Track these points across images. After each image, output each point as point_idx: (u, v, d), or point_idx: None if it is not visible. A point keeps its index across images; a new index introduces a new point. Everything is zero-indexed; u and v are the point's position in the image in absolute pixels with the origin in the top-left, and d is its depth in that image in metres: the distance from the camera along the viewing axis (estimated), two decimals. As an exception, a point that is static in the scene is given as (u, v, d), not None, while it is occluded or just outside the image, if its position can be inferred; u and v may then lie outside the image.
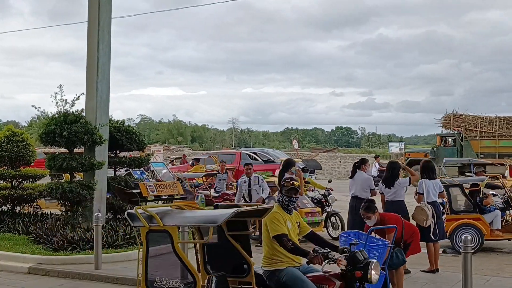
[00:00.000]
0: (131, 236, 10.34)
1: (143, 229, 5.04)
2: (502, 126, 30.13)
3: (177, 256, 4.88)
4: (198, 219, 5.19)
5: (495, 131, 29.64)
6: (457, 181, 11.38)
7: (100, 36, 11.55)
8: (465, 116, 31.05)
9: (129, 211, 5.25)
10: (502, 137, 29.13)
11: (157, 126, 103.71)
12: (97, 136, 10.99)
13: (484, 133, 29.85)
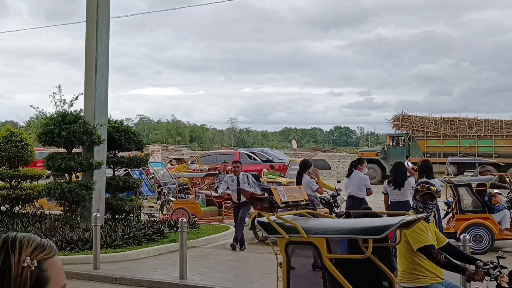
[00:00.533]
0: (129, 236, 10.35)
1: (281, 241, 4.36)
2: (446, 126, 31.67)
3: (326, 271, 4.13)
4: (352, 229, 4.27)
5: (440, 131, 31.15)
6: (466, 181, 11.34)
7: (98, 36, 11.55)
8: (412, 117, 32.49)
9: (261, 220, 4.59)
10: (446, 137, 30.76)
11: (155, 126, 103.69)
12: (95, 136, 10.99)
13: (430, 133, 31.36)
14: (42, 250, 1.47)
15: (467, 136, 30.31)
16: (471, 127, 31.14)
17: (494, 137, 29.70)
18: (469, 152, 29.23)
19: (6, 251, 1.44)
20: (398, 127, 32.72)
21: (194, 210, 13.83)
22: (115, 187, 12.27)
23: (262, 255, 10.26)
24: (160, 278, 8.31)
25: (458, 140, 30.31)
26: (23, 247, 1.45)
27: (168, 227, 11.54)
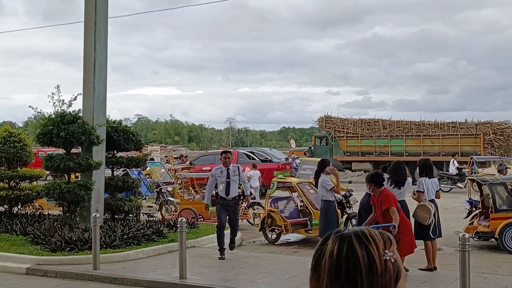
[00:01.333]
0: (129, 236, 10.34)
1: None
2: (363, 127, 34.22)
3: None
4: None
5: (358, 132, 33.74)
6: (501, 180, 11.33)
7: (96, 36, 11.53)
8: (334, 119, 35.06)
9: None
10: (363, 137, 33.18)
11: (154, 126, 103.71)
12: (94, 136, 10.98)
13: (350, 134, 33.92)
14: (390, 242, 1.37)
15: (381, 136, 32.69)
16: (384, 128, 33.63)
17: (405, 137, 32.13)
18: (383, 151, 31.30)
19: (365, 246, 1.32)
20: (323, 128, 35.18)
21: (201, 210, 13.73)
22: (114, 187, 12.26)
23: (261, 255, 10.27)
24: (160, 278, 8.31)
25: (373, 140, 32.58)
26: (376, 240, 1.35)
27: (167, 227, 11.53)
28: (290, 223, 11.73)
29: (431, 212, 8.56)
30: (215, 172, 9.90)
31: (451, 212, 16.66)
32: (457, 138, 31.00)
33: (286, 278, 8.23)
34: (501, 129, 31.33)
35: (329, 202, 9.39)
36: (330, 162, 10.25)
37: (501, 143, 30.63)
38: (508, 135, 31.27)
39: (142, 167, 17.57)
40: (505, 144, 30.79)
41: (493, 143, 30.55)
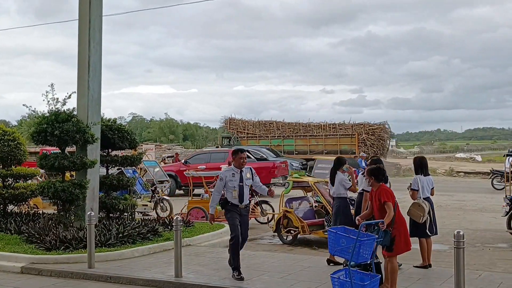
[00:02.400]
0: (124, 235, 10.32)
1: None
2: (261, 128, 38.70)
3: None
4: None
5: (257, 132, 38.38)
6: None
7: (91, 34, 11.50)
8: (237, 120, 39.80)
9: None
10: (261, 137, 37.69)
11: (148, 125, 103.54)
12: (89, 135, 10.95)
13: (250, 134, 38.35)
14: None
15: (275, 137, 37.07)
16: (278, 129, 37.90)
17: (295, 137, 36.45)
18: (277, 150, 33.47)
19: None
20: (227, 129, 39.76)
21: None
22: (108, 185, 12.23)
23: (257, 253, 10.27)
24: (155, 277, 8.30)
25: (269, 140, 36.72)
26: None
27: (163, 226, 11.51)
28: (307, 224, 11.48)
29: (425, 210, 8.58)
30: (225, 175, 8.42)
31: (445, 210, 16.72)
32: (337, 138, 35.42)
33: (281, 276, 8.24)
34: (372, 130, 35.75)
35: (345, 199, 9.26)
36: (346, 160, 9.95)
37: (373, 142, 35.18)
38: (379, 135, 35.70)
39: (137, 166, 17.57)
40: (378, 143, 35.23)
41: (366, 142, 34.88)
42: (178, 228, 8.28)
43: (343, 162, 9.40)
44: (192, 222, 12.49)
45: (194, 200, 14.57)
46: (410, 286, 7.57)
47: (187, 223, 12.14)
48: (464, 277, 6.43)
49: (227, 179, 8.36)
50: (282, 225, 11.73)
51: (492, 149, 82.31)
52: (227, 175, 8.41)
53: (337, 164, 9.37)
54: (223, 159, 23.59)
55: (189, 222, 12.31)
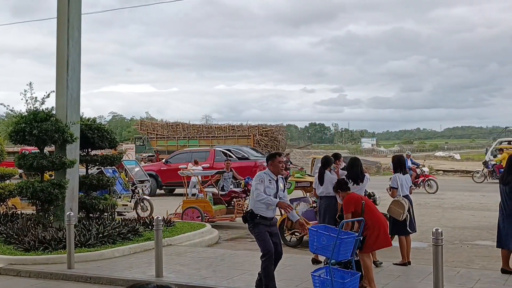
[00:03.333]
0: (104, 235, 10.24)
1: None
2: (169, 129, 41.65)
3: None
4: None
5: (165, 133, 41.28)
6: None
7: (69, 33, 11.38)
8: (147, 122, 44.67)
9: None
10: (169, 138, 40.43)
11: (129, 124, 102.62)
12: (68, 134, 10.84)
13: (159, 135, 41.38)
14: None
15: (181, 137, 39.68)
16: (184, 130, 40.85)
17: (199, 138, 39.29)
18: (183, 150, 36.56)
19: None
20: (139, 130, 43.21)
21: (205, 209, 13.50)
22: (88, 185, 12.12)
23: (238, 252, 10.27)
24: (136, 277, 8.25)
25: (176, 140, 39.40)
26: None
27: (143, 226, 11.45)
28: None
29: (405, 207, 8.67)
30: (263, 177, 6.98)
31: (424, 208, 16.90)
32: (235, 139, 37.87)
33: (262, 274, 8.24)
34: (265, 131, 38.84)
35: (333, 198, 9.17)
36: (333, 160, 9.70)
37: (266, 142, 37.80)
38: (272, 136, 38.46)
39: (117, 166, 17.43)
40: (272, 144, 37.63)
41: (260, 142, 37.38)
42: (159, 228, 8.25)
43: (330, 161, 9.39)
44: (173, 221, 12.44)
45: (189, 199, 14.33)
46: (389, 283, 7.64)
47: (168, 222, 12.09)
48: (443, 274, 6.51)
49: (265, 185, 6.92)
50: (286, 227, 11.16)
51: (471, 147, 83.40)
52: (265, 179, 6.95)
53: (325, 163, 9.33)
54: (205, 159, 23.53)
55: (170, 222, 12.27)
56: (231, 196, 14.54)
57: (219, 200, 14.40)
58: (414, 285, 7.58)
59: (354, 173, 8.85)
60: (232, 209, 14.07)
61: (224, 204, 14.41)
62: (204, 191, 14.32)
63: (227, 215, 14.08)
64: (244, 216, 7.19)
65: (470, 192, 22.32)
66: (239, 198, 14.30)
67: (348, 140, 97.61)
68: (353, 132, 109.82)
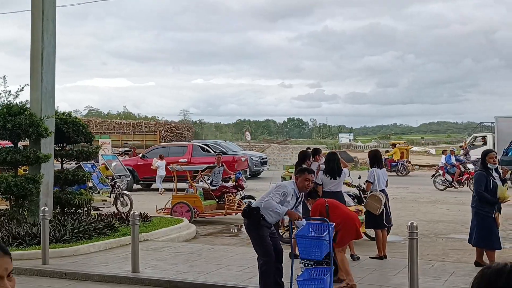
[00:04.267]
0: (79, 230, 10.13)
1: None
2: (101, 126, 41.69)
3: None
4: None
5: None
6: None
7: (44, 25, 11.20)
8: None
9: None
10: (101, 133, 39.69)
11: (105, 118, 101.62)
12: (42, 129, 10.68)
13: None
14: None
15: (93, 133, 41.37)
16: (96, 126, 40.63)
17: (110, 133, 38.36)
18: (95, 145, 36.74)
19: None
20: None
21: (195, 204, 13.30)
22: (63, 180, 11.97)
23: (215, 247, 10.25)
24: (112, 272, 8.18)
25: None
26: None
27: (120, 221, 11.36)
28: None
29: (382, 201, 8.76)
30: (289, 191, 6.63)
31: (400, 202, 17.08)
32: (143, 135, 39.09)
33: (239, 269, 8.25)
34: (170, 127, 40.26)
35: None
36: (310, 154, 9.46)
37: (171, 138, 38.25)
38: (177, 132, 39.94)
39: (95, 160, 17.19)
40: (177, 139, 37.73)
41: (166, 138, 38.08)
42: (135, 223, 8.18)
43: (308, 156, 9.38)
44: (150, 217, 12.35)
45: (179, 195, 14.09)
46: (366, 276, 7.70)
47: (144, 217, 12.00)
48: (418, 267, 6.59)
49: (286, 199, 6.58)
50: (281, 223, 10.51)
51: (446, 142, 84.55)
52: (289, 194, 6.61)
53: (302, 158, 9.31)
54: (182, 153, 23.43)
55: (147, 217, 12.18)
56: (222, 191, 14.32)
57: (209, 195, 14.16)
58: (389, 278, 7.66)
59: (330, 167, 8.91)
60: (222, 204, 13.95)
61: (215, 199, 14.16)
62: (194, 186, 14.12)
63: (218, 210, 13.87)
64: (247, 211, 6.73)
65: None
66: (230, 193, 14.16)
67: (326, 135, 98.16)
68: (331, 127, 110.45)
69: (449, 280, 7.43)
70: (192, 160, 22.28)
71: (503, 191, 7.92)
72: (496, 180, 7.97)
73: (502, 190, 7.90)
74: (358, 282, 7.40)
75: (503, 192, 7.90)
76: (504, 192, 7.92)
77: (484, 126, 39.20)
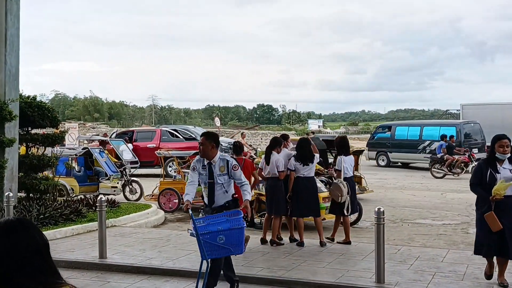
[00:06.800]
0: (45, 216, 9.96)
1: None
2: None
3: None
4: None
5: None
6: None
7: (8, 6, 10.87)
8: None
9: None
10: None
11: (72, 103, 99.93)
12: (6, 112, 10.41)
13: None
14: None
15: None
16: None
17: None
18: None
19: None
20: None
21: (183, 191, 13.03)
22: (28, 165, 11.71)
23: (184, 233, 10.21)
24: (79, 258, 8.08)
25: None
26: None
27: (87, 206, 11.20)
28: None
29: (343, 190, 8.87)
30: (196, 165, 6.60)
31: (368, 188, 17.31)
32: None
33: (208, 254, 8.24)
34: None
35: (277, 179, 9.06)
36: (282, 141, 9.31)
37: None
38: None
39: (60, 145, 16.77)
40: None
41: None
42: (102, 209, 8.08)
43: (279, 143, 9.32)
44: (117, 202, 12.21)
45: (166, 181, 13.81)
46: (333, 261, 7.79)
47: (112, 203, 11.87)
48: (384, 252, 6.70)
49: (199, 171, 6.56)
50: (254, 209, 10.68)
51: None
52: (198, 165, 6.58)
53: (273, 144, 9.25)
54: (151, 139, 23.19)
55: (114, 202, 12.04)
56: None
57: None
58: (356, 262, 7.77)
59: (302, 154, 8.93)
60: None
61: None
62: (182, 172, 13.89)
63: None
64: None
65: (411, 173, 23.02)
66: None
67: (295, 121, 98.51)
68: (301, 114, 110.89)
69: (415, 264, 7.58)
70: (160, 146, 22.07)
71: (501, 186, 6.16)
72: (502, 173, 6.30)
73: (500, 186, 6.17)
74: (325, 266, 7.50)
75: (499, 188, 6.15)
76: (501, 188, 6.15)
77: (450, 114, 39.86)
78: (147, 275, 7.45)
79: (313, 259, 7.93)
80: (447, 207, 13.66)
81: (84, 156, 14.67)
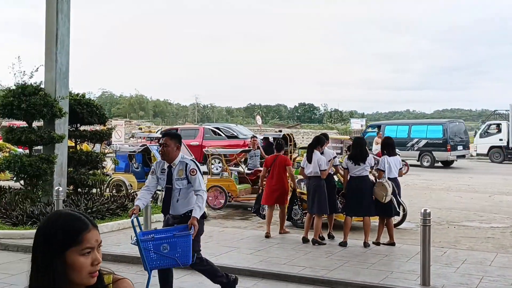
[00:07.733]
0: (93, 211, 10.22)
1: None
2: None
3: None
4: None
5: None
6: None
7: (59, 6, 11.20)
8: None
9: None
10: None
11: (118, 100, 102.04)
12: (56, 109, 10.73)
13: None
14: None
15: None
16: None
17: None
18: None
19: None
20: None
21: (229, 188, 13.02)
22: (77, 161, 12.05)
23: (226, 230, 10.30)
24: (125, 252, 8.26)
25: None
26: None
27: (132, 202, 11.42)
28: None
29: (388, 190, 8.70)
30: (155, 168, 6.07)
31: (413, 189, 17.03)
32: None
33: (250, 252, 8.30)
34: None
35: (320, 178, 9.03)
36: (324, 140, 9.29)
37: None
38: None
39: (107, 142, 17.20)
40: None
41: None
42: (149, 204, 8.22)
43: (321, 141, 9.27)
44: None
45: (213, 178, 13.71)
46: (376, 262, 7.71)
47: (157, 198, 12.06)
48: (430, 254, 6.59)
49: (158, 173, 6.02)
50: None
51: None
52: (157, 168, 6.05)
53: (315, 143, 9.21)
54: (194, 136, 23.47)
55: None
56: (257, 175, 13.54)
57: (244, 179, 13.85)
58: (401, 264, 7.66)
59: (354, 153, 8.85)
60: (257, 188, 13.72)
61: (250, 183, 13.81)
62: (229, 169, 13.89)
63: (252, 194, 13.34)
64: None
65: (457, 174, 22.51)
66: None
67: (337, 120, 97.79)
68: (343, 113, 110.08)
69: (461, 267, 7.42)
70: (203, 144, 22.30)
71: None
72: None
73: None
74: (369, 267, 7.42)
75: None
76: None
77: (498, 114, 38.69)
78: (190, 271, 7.54)
79: (356, 259, 7.86)
80: (495, 210, 13.29)
81: (142, 153, 14.99)
